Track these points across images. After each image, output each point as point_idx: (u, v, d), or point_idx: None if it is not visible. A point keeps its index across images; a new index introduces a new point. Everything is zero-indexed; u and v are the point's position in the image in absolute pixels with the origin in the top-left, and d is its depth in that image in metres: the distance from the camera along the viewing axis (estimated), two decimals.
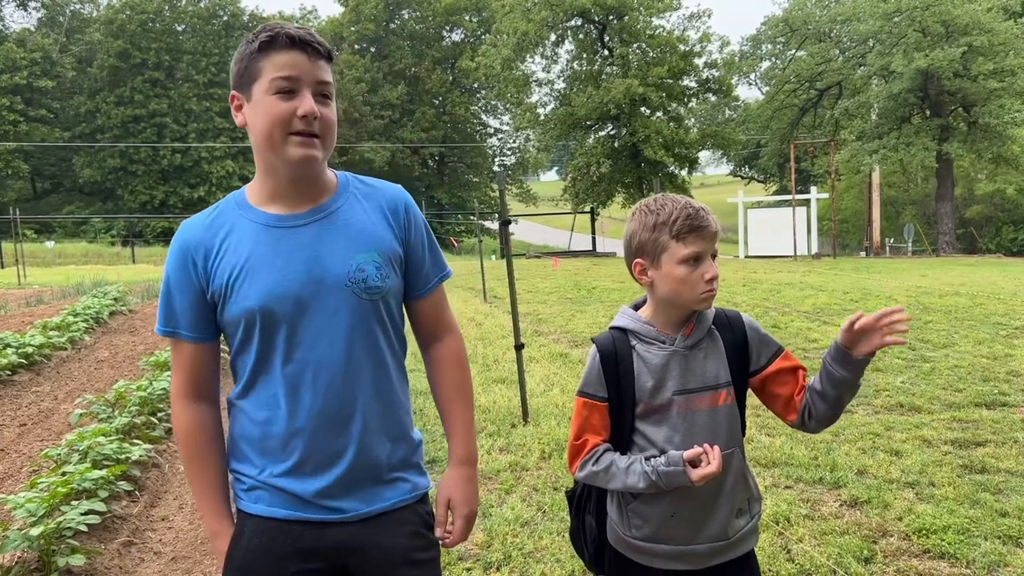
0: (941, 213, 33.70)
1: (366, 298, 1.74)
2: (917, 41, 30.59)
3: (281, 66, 1.66)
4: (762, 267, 22.22)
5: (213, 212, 1.79)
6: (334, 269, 1.72)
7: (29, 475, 5.00)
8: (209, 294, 1.74)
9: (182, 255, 1.75)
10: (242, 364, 1.76)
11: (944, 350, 8.44)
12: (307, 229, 1.73)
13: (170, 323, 1.78)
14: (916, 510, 4.18)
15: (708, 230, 1.94)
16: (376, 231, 1.79)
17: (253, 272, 1.70)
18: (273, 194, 1.75)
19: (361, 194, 1.83)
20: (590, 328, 11.04)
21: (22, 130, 47.07)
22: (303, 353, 1.71)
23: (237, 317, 1.71)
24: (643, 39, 35.68)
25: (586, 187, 36.49)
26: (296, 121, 1.65)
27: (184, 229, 1.79)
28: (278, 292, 1.68)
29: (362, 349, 1.75)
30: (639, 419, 1.99)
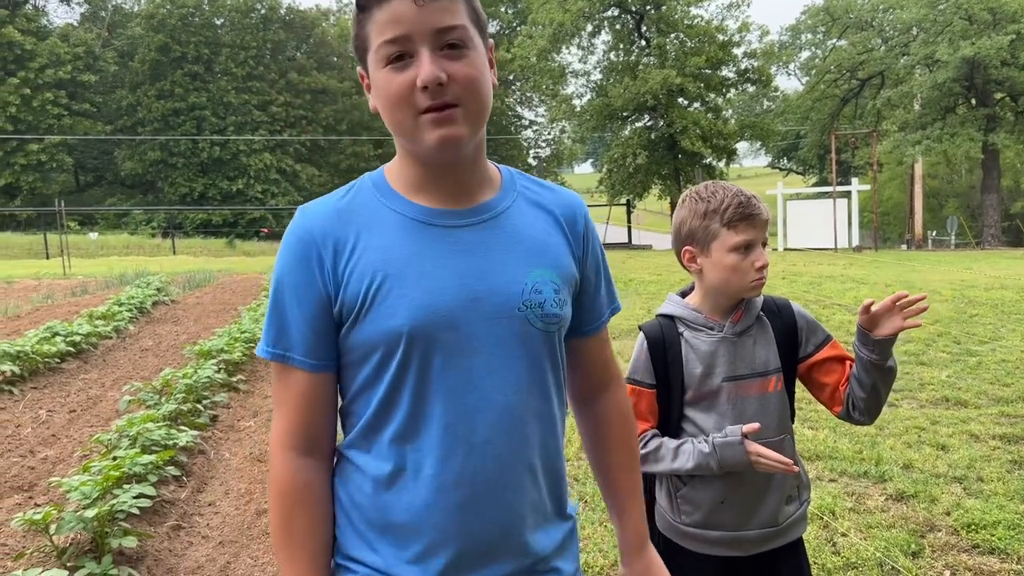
0: (986, 205, 33.04)
1: (541, 327, 1.33)
2: (963, 29, 29.97)
3: (383, 26, 1.23)
4: (802, 260, 21.97)
5: (346, 195, 1.36)
6: (506, 287, 1.31)
7: (80, 460, 5.11)
8: (338, 305, 1.29)
9: (304, 250, 1.30)
10: (365, 403, 1.33)
11: (990, 344, 8.29)
12: (470, 232, 1.32)
13: (282, 343, 1.31)
14: (964, 505, 4.13)
15: (759, 218, 1.94)
16: (552, 244, 1.39)
17: (401, 280, 1.27)
18: (421, 182, 1.34)
19: (531, 196, 1.44)
20: (627, 320, 11.00)
21: (66, 124, 47.94)
22: (460, 394, 1.29)
23: (374, 340, 1.28)
24: (681, 29, 35.36)
25: (622, 179, 36.31)
26: (419, 96, 1.22)
27: (306, 216, 1.34)
28: (434, 309, 1.26)
29: (533, 395, 1.35)
30: (688, 406, 1.99)
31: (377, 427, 1.31)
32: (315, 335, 1.31)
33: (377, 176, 1.39)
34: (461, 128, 1.25)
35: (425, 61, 1.22)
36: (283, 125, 52.03)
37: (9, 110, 46.01)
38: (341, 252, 1.29)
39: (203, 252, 36.81)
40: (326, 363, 1.32)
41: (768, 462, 1.86)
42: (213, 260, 29.42)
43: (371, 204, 1.34)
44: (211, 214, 48.37)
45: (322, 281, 1.29)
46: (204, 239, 44.65)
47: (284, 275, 1.31)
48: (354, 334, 1.30)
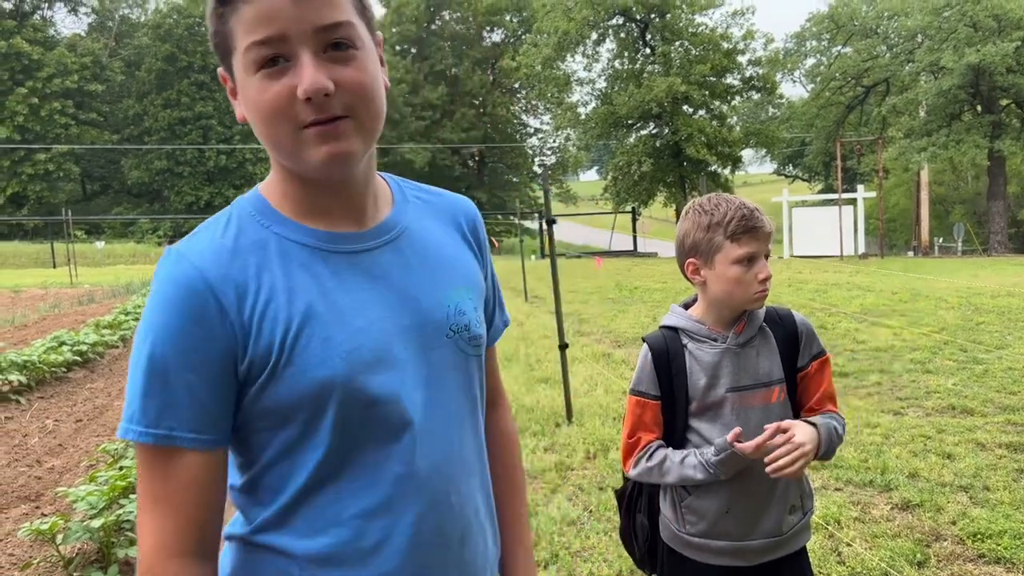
0: (993, 212, 32.97)
1: (471, 353, 1.19)
2: (968, 36, 29.95)
3: (252, 24, 1.01)
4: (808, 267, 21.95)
5: (226, 227, 1.10)
6: (432, 312, 1.15)
7: (87, 469, 5.13)
8: (246, 364, 1.05)
9: (195, 301, 1.03)
10: (290, 472, 1.09)
11: (997, 352, 8.27)
12: (380, 255, 1.14)
13: (165, 421, 1.03)
14: (970, 514, 4.11)
15: (762, 231, 1.95)
16: (462, 256, 1.25)
17: (321, 321, 1.07)
18: (311, 205, 1.12)
19: (427, 206, 1.27)
20: (632, 328, 11.01)
21: (73, 133, 48.19)
22: (409, 441, 1.11)
23: (299, 396, 1.06)
24: (686, 37, 35.44)
25: (627, 186, 36.35)
26: (301, 106, 1.01)
27: (188, 259, 1.06)
28: (368, 349, 1.08)
29: (474, 430, 1.22)
30: (693, 416, 2.01)
31: (311, 497, 1.09)
32: (215, 404, 1.05)
33: (256, 200, 1.14)
34: (352, 143, 1.05)
35: (307, 67, 1.01)
36: None
37: (17, 119, 46.27)
38: (243, 298, 1.05)
39: None
40: (223, 437, 1.08)
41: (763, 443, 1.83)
42: None
43: (260, 235, 1.10)
44: None
45: (224, 336, 1.04)
46: None
47: (168, 335, 1.03)
48: (270, 394, 1.06)
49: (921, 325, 10.10)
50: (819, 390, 2.05)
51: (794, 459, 1.83)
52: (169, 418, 1.03)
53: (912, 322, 10.41)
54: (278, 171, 1.14)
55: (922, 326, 10.01)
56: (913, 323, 10.32)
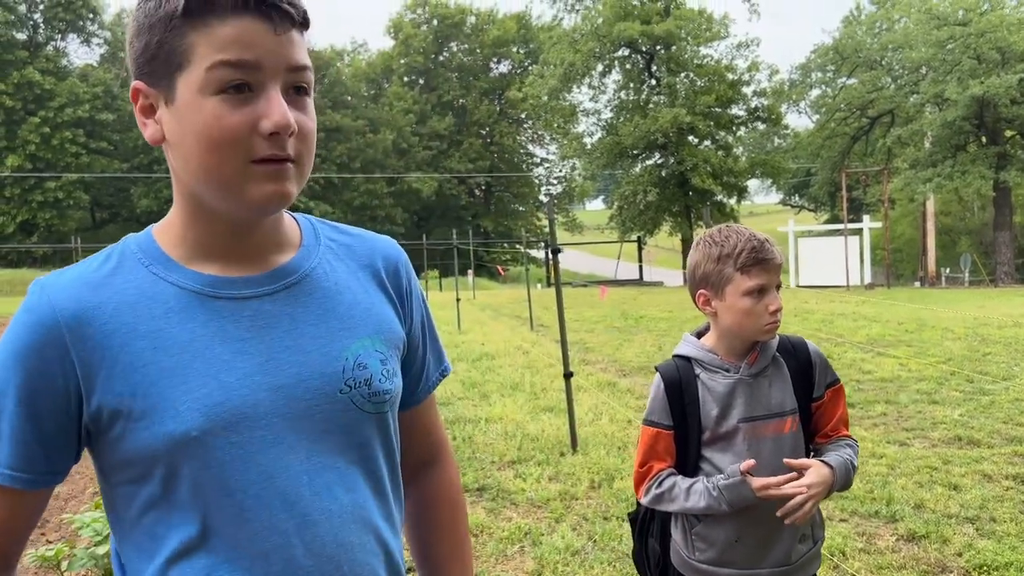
0: (999, 242, 32.93)
1: (371, 410, 1.10)
2: (972, 68, 30.12)
3: (224, 43, 0.97)
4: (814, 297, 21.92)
5: (103, 264, 1.06)
6: (321, 366, 1.06)
7: (92, 496, 5.14)
8: (92, 410, 0.99)
9: (43, 336, 0.99)
10: (153, 533, 1.02)
11: (1004, 383, 8.24)
12: (268, 303, 1.07)
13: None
14: (976, 546, 4.09)
15: (772, 262, 1.96)
16: (372, 304, 1.16)
17: (182, 372, 1.00)
18: (205, 245, 1.07)
19: (340, 249, 1.18)
20: (638, 357, 11.00)
21: (83, 162, 48.61)
22: (276, 511, 1.02)
23: (151, 452, 0.98)
24: (691, 68, 35.73)
25: (633, 216, 36.45)
26: (258, 141, 0.98)
27: (48, 291, 1.01)
28: (230, 406, 1.00)
29: (370, 496, 1.11)
30: (705, 446, 2.01)
31: (179, 560, 1.01)
32: (39, 442, 1.00)
33: (144, 240, 1.09)
34: (292, 185, 1.02)
35: (278, 101, 0.98)
36: None
37: (28, 148, 46.72)
38: (95, 340, 0.99)
39: None
40: (46, 476, 1.02)
41: (775, 492, 1.86)
42: None
43: (138, 275, 1.04)
44: None
45: (64, 379, 0.98)
46: None
47: (10, 365, 0.99)
48: (121, 447, 1.00)
49: (927, 355, 10.08)
50: (834, 417, 2.07)
51: (802, 502, 1.85)
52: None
53: (918, 352, 10.39)
54: (182, 209, 1.07)
55: (928, 356, 9.99)
56: (919, 353, 10.29)
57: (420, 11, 56.35)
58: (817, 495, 1.87)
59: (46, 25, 52.20)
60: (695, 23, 35.65)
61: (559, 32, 37.95)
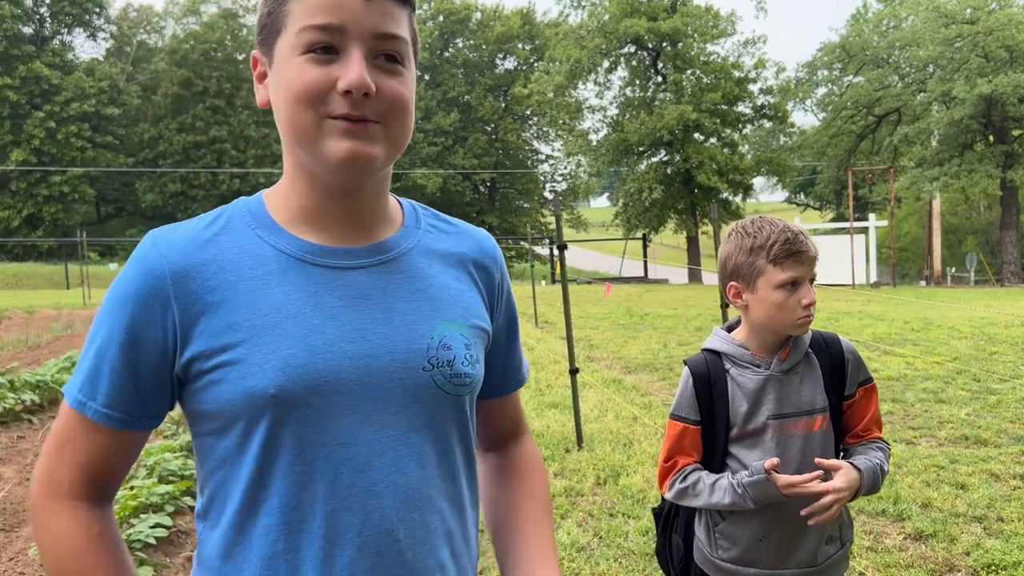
0: (1005, 242, 32.83)
1: (450, 391, 1.10)
2: (980, 66, 30.01)
3: (315, 8, 1.01)
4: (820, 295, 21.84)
5: (212, 223, 1.10)
6: (408, 341, 1.08)
7: None
8: (184, 359, 1.04)
9: (149, 285, 1.03)
10: (225, 485, 1.07)
11: (1011, 382, 8.21)
12: (365, 275, 1.09)
13: (89, 388, 1.05)
14: (984, 545, 4.08)
15: (807, 255, 1.92)
16: (462, 292, 1.18)
17: (272, 332, 1.02)
18: (309, 212, 1.10)
19: (439, 235, 1.21)
20: (643, 354, 10.98)
21: (89, 156, 48.66)
22: (347, 474, 1.04)
23: (233, 406, 1.02)
24: (697, 65, 35.61)
25: (638, 213, 36.38)
26: (336, 98, 1.01)
27: (159, 244, 1.06)
28: (313, 369, 1.02)
29: (439, 474, 1.12)
30: (732, 443, 1.97)
31: (237, 519, 1.05)
32: (139, 388, 1.05)
33: (254, 203, 1.13)
34: (376, 147, 1.04)
35: (355, 63, 1.00)
36: None
37: (33, 143, 46.79)
38: (197, 295, 1.03)
39: None
40: (141, 420, 1.08)
41: (800, 489, 1.82)
42: None
43: (244, 236, 1.08)
44: None
45: (164, 329, 1.03)
46: None
47: (116, 309, 1.05)
48: (207, 398, 1.04)
49: (934, 354, 10.05)
50: (865, 417, 2.01)
51: (828, 504, 1.82)
52: (93, 387, 1.05)
53: (925, 351, 10.36)
54: (288, 174, 1.12)
55: (935, 355, 9.96)
56: (926, 352, 10.26)
57: (425, 7, 56.30)
58: (843, 498, 1.83)
59: (52, 19, 52.23)
60: (702, 20, 35.53)
61: (565, 28, 37.87)
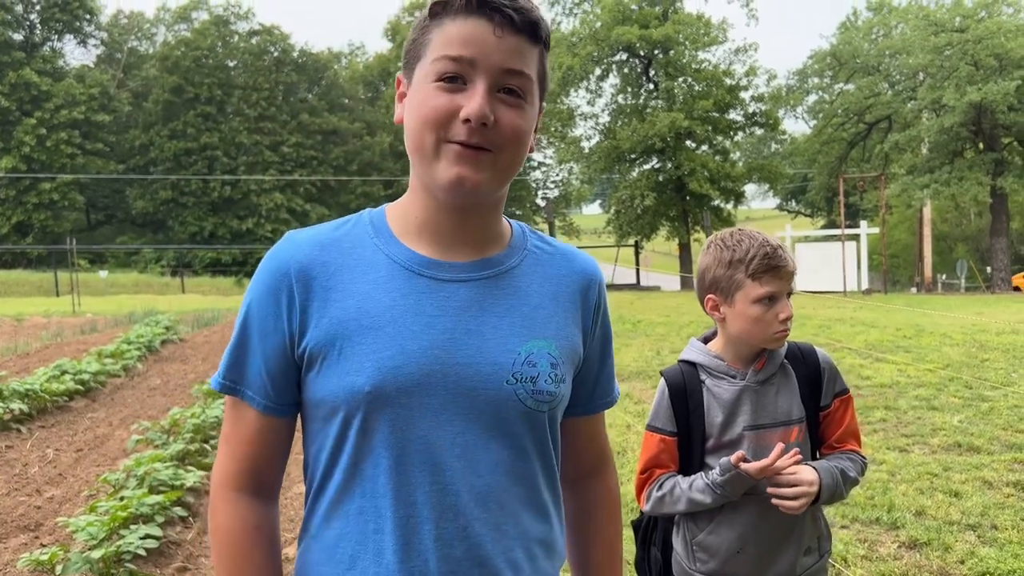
0: (996, 249, 33.00)
1: (531, 405, 1.16)
2: (969, 74, 30.20)
3: (450, 40, 1.11)
4: (811, 302, 21.92)
5: (340, 227, 1.23)
6: (495, 354, 1.15)
7: (86, 499, 5.09)
8: (301, 349, 1.16)
9: (277, 280, 1.17)
10: (323, 468, 1.19)
11: (1003, 389, 8.22)
12: (466, 288, 1.18)
13: (234, 374, 1.20)
14: (979, 553, 4.07)
15: (785, 270, 1.91)
16: (556, 313, 1.24)
17: (374, 333, 1.13)
18: (424, 225, 1.20)
19: (543, 257, 1.28)
20: (636, 362, 10.97)
21: (79, 163, 48.50)
22: (427, 472, 1.13)
23: (335, 397, 1.13)
24: (689, 73, 35.74)
25: (630, 220, 36.45)
26: (457, 125, 1.10)
27: (289, 243, 1.20)
28: (405, 371, 1.12)
29: (516, 481, 1.18)
30: (709, 454, 1.97)
31: (335, 497, 1.17)
32: (271, 375, 1.18)
33: (377, 214, 1.25)
34: (484, 174, 1.13)
35: (479, 95, 1.10)
36: (294, 165, 52.51)
37: (23, 149, 46.62)
38: (315, 291, 1.16)
39: (212, 291, 36.96)
40: (281, 406, 1.19)
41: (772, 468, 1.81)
42: (222, 299, 29.51)
43: (363, 243, 1.20)
44: (220, 253, 48.63)
45: (288, 319, 1.16)
46: (213, 278, 44.88)
47: (253, 303, 1.19)
48: (315, 387, 1.16)
49: (926, 361, 10.07)
50: (841, 428, 2.01)
51: (797, 494, 1.82)
52: (236, 372, 1.19)
53: (917, 358, 10.38)
54: (411, 188, 1.22)
55: (927, 362, 9.97)
56: (918, 359, 10.28)
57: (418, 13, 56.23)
58: (808, 492, 1.82)
59: (43, 26, 52.10)
60: (693, 28, 35.69)
61: (557, 35, 37.95)
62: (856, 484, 1.98)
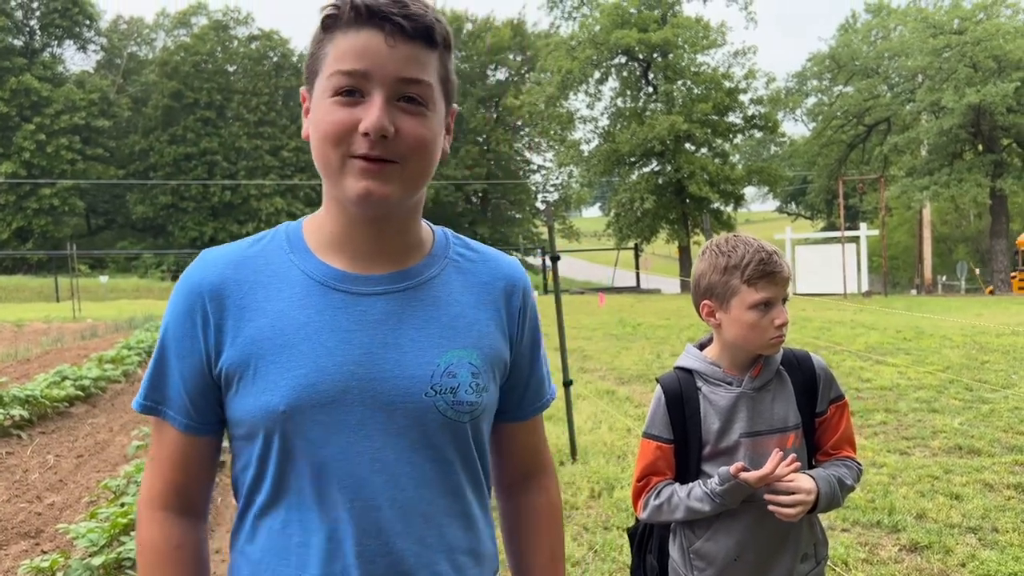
0: (996, 250, 33.00)
1: (452, 416, 1.17)
2: (968, 76, 30.22)
3: (343, 54, 1.09)
4: (811, 305, 21.92)
5: (254, 244, 1.22)
6: (412, 367, 1.15)
7: (87, 506, 5.09)
8: (216, 369, 1.15)
9: (191, 301, 1.16)
10: (247, 485, 1.19)
11: (1004, 391, 8.22)
12: (383, 301, 1.17)
13: (155, 395, 1.20)
14: (979, 556, 4.07)
15: (780, 276, 1.91)
16: (479, 321, 1.23)
17: (288, 351, 1.12)
18: (339, 239, 1.19)
19: (465, 264, 1.27)
20: (636, 365, 10.97)
21: (79, 168, 48.52)
22: (348, 489, 1.13)
23: (253, 417, 1.13)
24: (688, 76, 35.79)
25: (630, 223, 36.47)
26: (358, 139, 1.09)
27: (202, 263, 1.19)
28: (320, 388, 1.11)
29: (439, 492, 1.18)
30: (705, 461, 1.97)
31: (260, 513, 1.18)
32: (191, 395, 1.18)
33: (293, 229, 1.23)
34: (392, 187, 1.11)
35: (376, 107, 1.08)
36: (294, 170, 52.54)
37: (23, 155, 46.64)
38: (229, 310, 1.15)
39: None
40: (203, 425, 1.20)
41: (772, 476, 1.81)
42: None
43: (278, 259, 1.19)
44: None
45: (203, 339, 1.15)
46: None
47: (169, 323, 1.18)
48: (234, 406, 1.16)
49: (926, 364, 10.06)
50: (836, 434, 2.01)
51: (794, 502, 1.82)
52: (157, 393, 1.20)
53: (917, 361, 10.37)
54: (325, 200, 1.21)
55: (927, 365, 9.97)
56: (918, 362, 10.27)
57: None
58: (804, 501, 1.83)
59: (42, 31, 52.15)
60: (692, 31, 35.73)
61: (556, 40, 38.03)
62: (852, 491, 1.99)
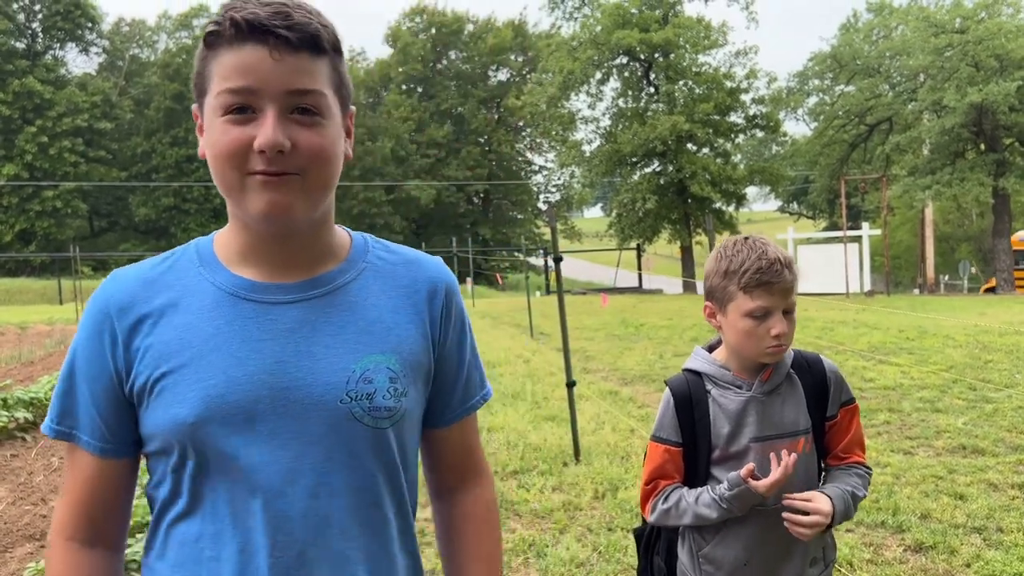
0: (998, 250, 32.92)
1: (369, 423, 1.14)
2: (970, 75, 30.17)
3: (228, 72, 1.08)
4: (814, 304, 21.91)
5: (163, 262, 1.21)
6: (326, 374, 1.13)
7: None
8: (127, 387, 1.14)
9: (99, 321, 1.15)
10: (160, 501, 1.17)
11: (1007, 391, 8.21)
12: (294, 309, 1.15)
13: (67, 420, 1.17)
14: (984, 556, 4.06)
15: (778, 286, 1.86)
16: (398, 324, 1.20)
17: (197, 363, 1.11)
18: (247, 252, 1.17)
19: (384, 267, 1.25)
20: (639, 365, 10.96)
21: (82, 170, 48.56)
22: (263, 500, 1.11)
23: (164, 431, 1.11)
24: (689, 76, 35.74)
25: (632, 223, 36.42)
26: (253, 157, 1.07)
27: (111, 283, 1.18)
28: (230, 400, 1.09)
29: (358, 501, 1.16)
30: (714, 465, 1.95)
31: (171, 527, 1.16)
32: (103, 417, 1.15)
33: (204, 243, 1.23)
34: (294, 199, 1.10)
35: (269, 123, 1.06)
36: None
37: (26, 157, 46.69)
38: (137, 328, 1.13)
39: None
40: (118, 447, 1.17)
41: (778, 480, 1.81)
42: None
43: (188, 274, 1.17)
44: None
45: (112, 359, 1.14)
46: None
47: (78, 346, 1.17)
48: (145, 422, 1.14)
49: (929, 363, 10.05)
50: (846, 437, 2.00)
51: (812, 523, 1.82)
52: (69, 418, 1.17)
53: (920, 360, 10.36)
54: (230, 217, 1.20)
55: (930, 364, 9.96)
56: (921, 361, 10.26)
57: (418, 19, 56.46)
58: (819, 523, 1.83)
59: (45, 34, 52.22)
60: (693, 31, 35.68)
61: (557, 40, 38.00)
62: (863, 499, 1.98)
